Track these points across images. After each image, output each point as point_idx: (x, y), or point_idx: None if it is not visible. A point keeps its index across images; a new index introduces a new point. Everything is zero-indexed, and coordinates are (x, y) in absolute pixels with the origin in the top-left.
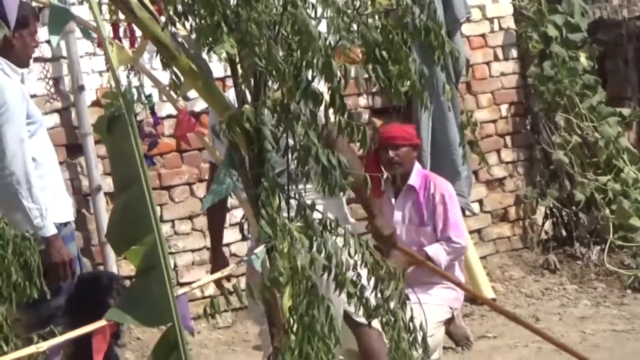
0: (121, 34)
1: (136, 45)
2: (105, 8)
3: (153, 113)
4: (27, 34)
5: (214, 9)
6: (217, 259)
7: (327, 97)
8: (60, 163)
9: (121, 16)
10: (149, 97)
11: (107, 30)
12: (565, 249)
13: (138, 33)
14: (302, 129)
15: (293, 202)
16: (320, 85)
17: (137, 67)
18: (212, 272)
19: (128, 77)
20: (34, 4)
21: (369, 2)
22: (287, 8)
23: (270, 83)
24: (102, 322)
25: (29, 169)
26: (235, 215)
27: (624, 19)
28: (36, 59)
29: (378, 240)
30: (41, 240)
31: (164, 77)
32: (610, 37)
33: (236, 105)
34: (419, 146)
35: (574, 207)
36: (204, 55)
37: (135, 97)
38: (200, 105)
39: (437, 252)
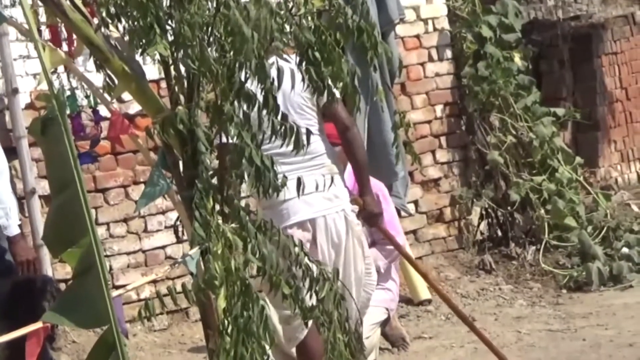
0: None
1: (74, 47)
2: (42, 10)
3: (95, 112)
4: None
5: (147, 10)
6: None
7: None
8: None
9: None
10: (88, 97)
11: (44, 32)
12: (501, 249)
13: None
14: (236, 130)
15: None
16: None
17: (70, 69)
18: None
19: (68, 78)
20: None
21: (302, 3)
22: (220, 9)
23: (203, 84)
24: (36, 325)
25: None
26: (170, 217)
27: (559, 19)
28: None
29: (365, 217)
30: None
31: (98, 79)
32: (545, 37)
33: None
34: None
35: (509, 208)
36: (138, 57)
37: (81, 99)
38: (134, 107)
39: (375, 256)
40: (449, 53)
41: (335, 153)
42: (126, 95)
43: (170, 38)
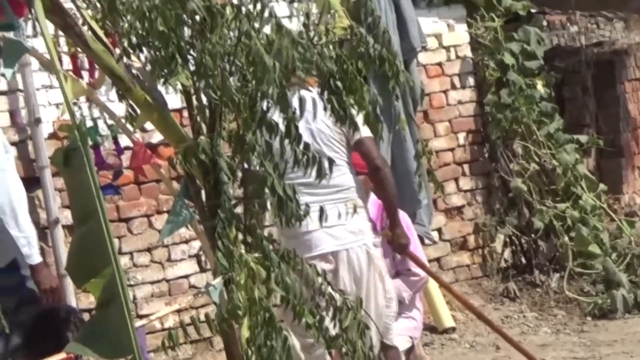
0: (81, 65)
1: (95, 77)
2: (63, 40)
3: (116, 142)
4: None
5: (169, 40)
6: None
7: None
8: None
9: None
10: (111, 127)
11: (65, 62)
12: (525, 277)
13: None
14: (258, 160)
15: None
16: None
17: (92, 100)
18: None
19: (89, 109)
20: None
21: (324, 32)
22: (241, 39)
23: (225, 114)
24: (59, 356)
25: (13, 197)
26: (194, 246)
27: (582, 46)
28: None
29: (395, 246)
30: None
31: (121, 109)
32: (568, 64)
33: None
34: None
35: (533, 235)
36: (160, 87)
37: (102, 130)
38: (157, 137)
39: (398, 288)
40: (471, 80)
41: (362, 187)
42: (149, 125)
43: (192, 68)
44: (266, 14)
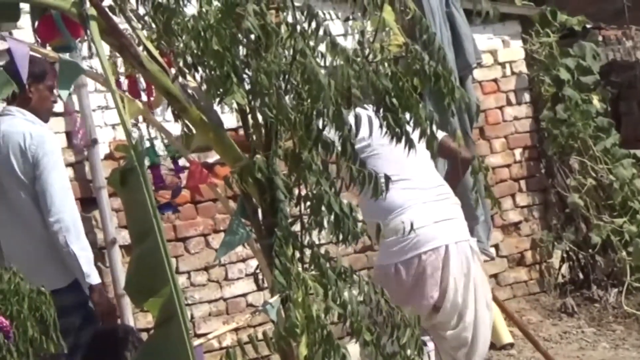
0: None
1: (153, 97)
2: (120, 61)
3: (175, 161)
4: (44, 87)
5: (224, 60)
6: None
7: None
8: None
9: None
10: (169, 146)
11: (123, 83)
12: (583, 292)
13: None
14: (314, 178)
15: None
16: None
17: (148, 120)
18: None
19: (147, 129)
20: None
21: (379, 50)
22: (297, 57)
23: (281, 132)
24: None
25: (76, 215)
26: (251, 265)
27: (637, 60)
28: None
29: None
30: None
31: (177, 128)
32: (624, 79)
33: None
34: None
35: (590, 250)
36: (215, 106)
37: (161, 150)
38: (213, 156)
39: None
40: (527, 96)
41: None
42: None
43: (247, 87)
44: (321, 32)
